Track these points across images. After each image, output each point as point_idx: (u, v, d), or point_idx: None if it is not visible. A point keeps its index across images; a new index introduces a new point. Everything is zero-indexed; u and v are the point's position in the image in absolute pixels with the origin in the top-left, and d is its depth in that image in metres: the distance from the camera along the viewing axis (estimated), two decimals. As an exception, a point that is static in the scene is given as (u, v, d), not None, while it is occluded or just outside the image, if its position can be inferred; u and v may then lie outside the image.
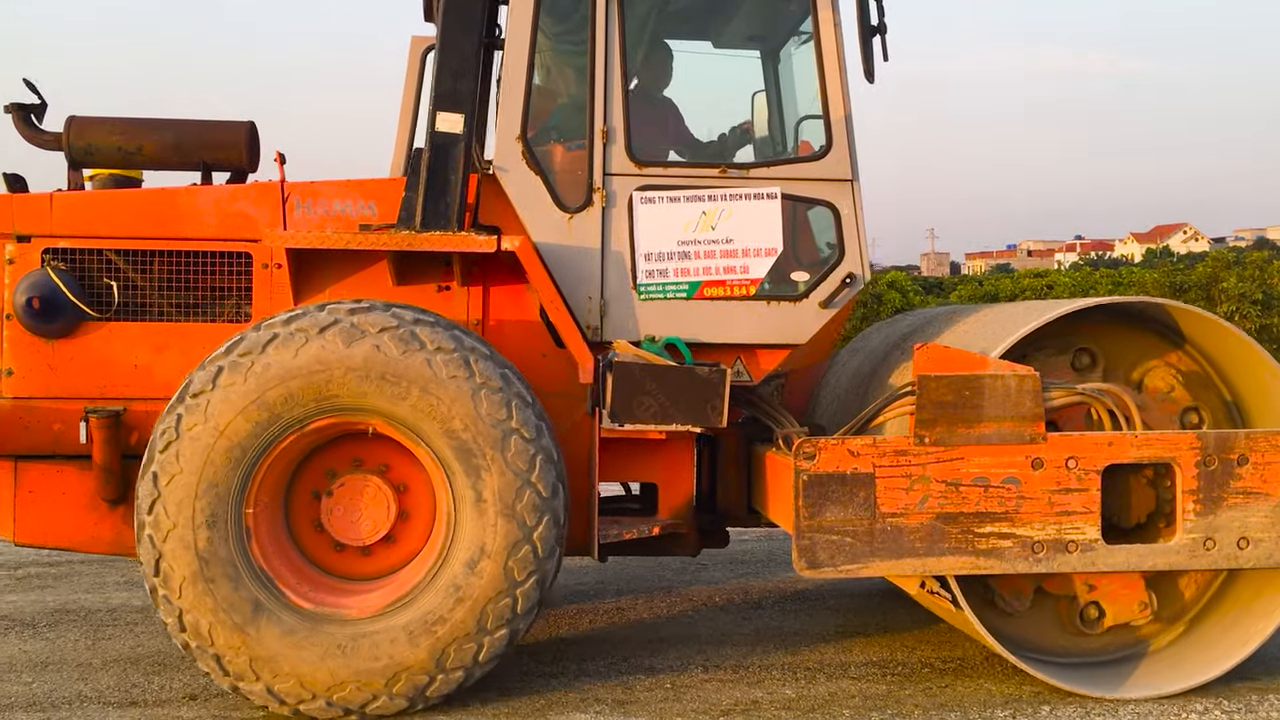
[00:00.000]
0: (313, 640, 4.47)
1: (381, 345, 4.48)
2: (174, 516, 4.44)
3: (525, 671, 5.26)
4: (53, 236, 5.14)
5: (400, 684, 4.48)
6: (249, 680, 4.44)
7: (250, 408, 4.46)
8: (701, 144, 5.77)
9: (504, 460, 4.52)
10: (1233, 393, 5.25)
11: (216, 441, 4.45)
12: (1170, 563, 4.82)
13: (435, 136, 5.01)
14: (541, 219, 5.10)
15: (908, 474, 4.69)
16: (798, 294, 5.22)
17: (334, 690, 4.45)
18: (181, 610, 4.45)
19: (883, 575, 4.77)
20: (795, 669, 5.34)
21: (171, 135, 5.30)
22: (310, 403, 4.49)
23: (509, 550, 4.52)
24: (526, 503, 4.54)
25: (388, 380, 4.49)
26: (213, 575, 4.44)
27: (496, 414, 4.53)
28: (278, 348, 4.47)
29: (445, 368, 4.50)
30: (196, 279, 5.22)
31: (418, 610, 4.53)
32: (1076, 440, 4.77)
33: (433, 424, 4.51)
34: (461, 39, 5.05)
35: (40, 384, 5.11)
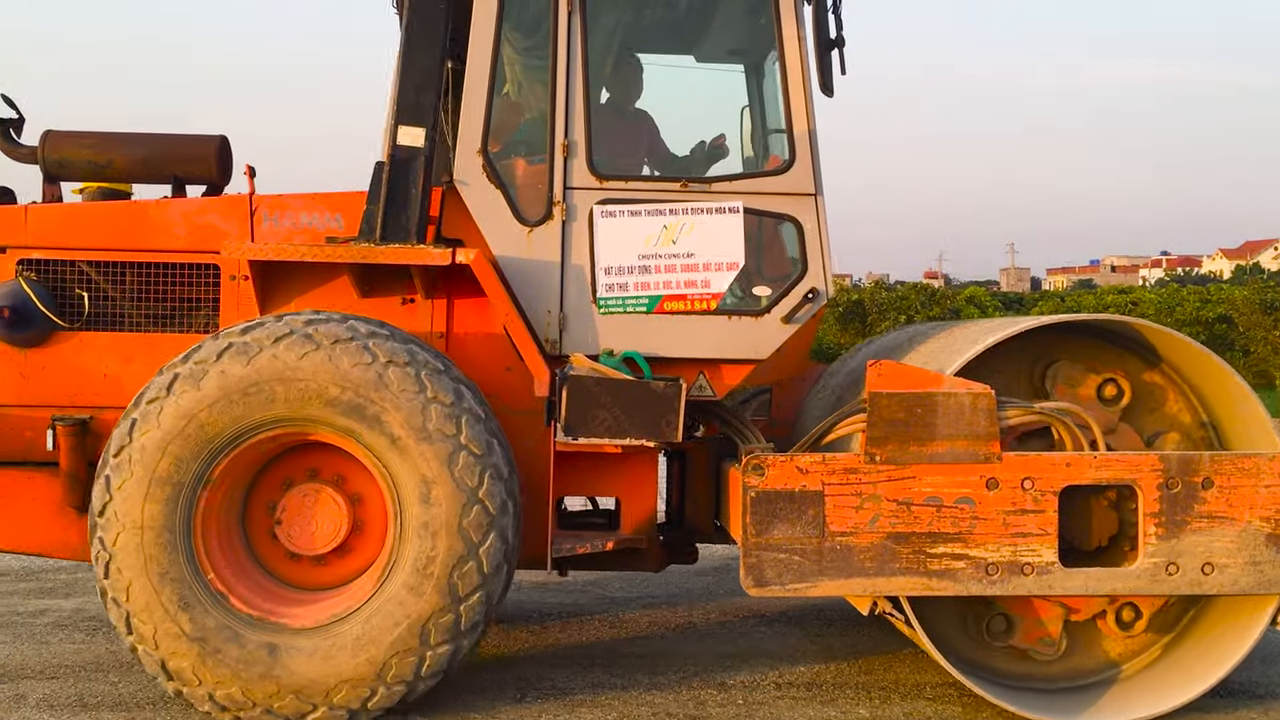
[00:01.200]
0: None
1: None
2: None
3: (595, 684, 5.27)
4: (27, 248, 5.25)
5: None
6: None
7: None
8: (675, 158, 5.75)
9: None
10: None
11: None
12: (1130, 588, 4.71)
13: (396, 150, 5.04)
14: (501, 232, 5.11)
15: (858, 492, 4.63)
16: (760, 309, 5.17)
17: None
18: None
19: (832, 595, 4.70)
20: (869, 688, 5.30)
21: (142, 149, 5.39)
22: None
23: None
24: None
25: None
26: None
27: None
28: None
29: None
30: (166, 290, 5.30)
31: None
32: (1033, 460, 4.67)
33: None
34: (423, 53, 5.08)
35: (12, 392, 5.22)
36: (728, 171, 5.49)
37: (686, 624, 6.43)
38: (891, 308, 23.15)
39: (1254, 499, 4.68)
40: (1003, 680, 5.05)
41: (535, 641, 6.04)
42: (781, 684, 5.34)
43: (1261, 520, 4.68)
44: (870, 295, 24.69)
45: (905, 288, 27.42)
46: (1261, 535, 4.68)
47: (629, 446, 4.95)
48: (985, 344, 4.72)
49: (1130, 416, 5.07)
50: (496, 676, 5.37)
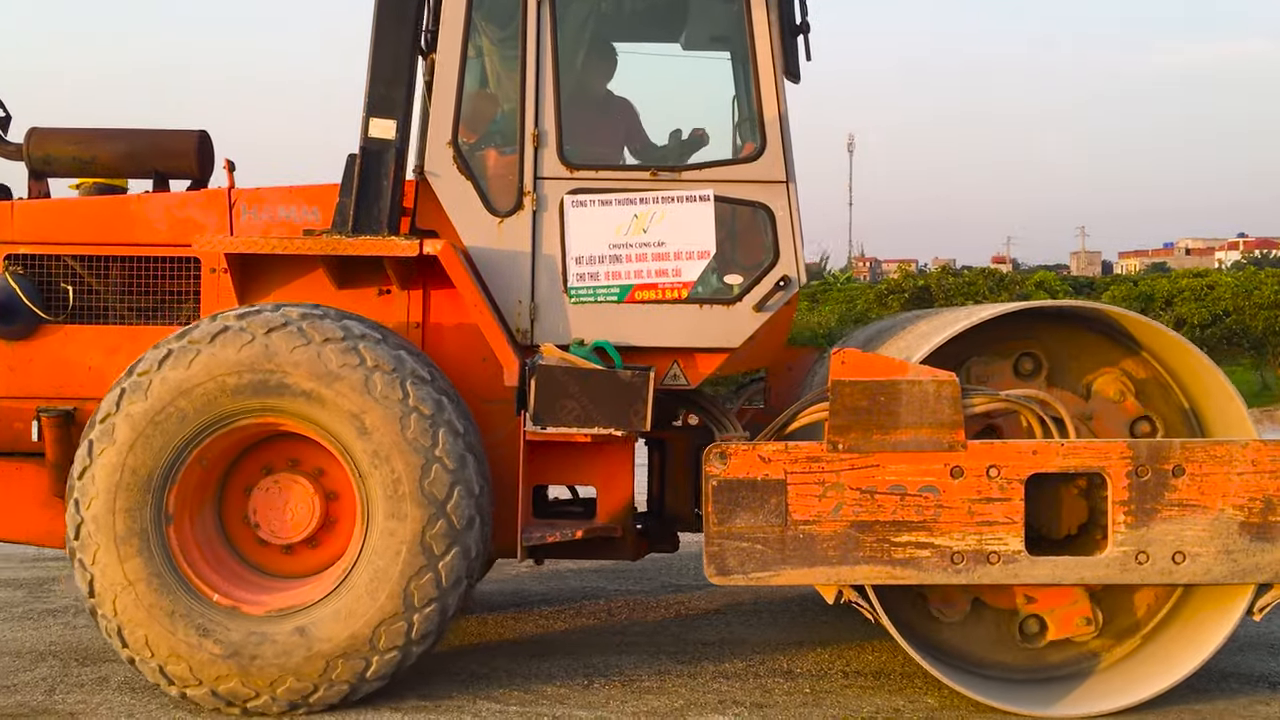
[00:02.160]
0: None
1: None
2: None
3: (662, 671, 5.32)
4: (14, 243, 5.36)
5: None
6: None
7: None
8: (655, 147, 5.74)
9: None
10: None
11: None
12: (1099, 576, 4.66)
13: (367, 142, 5.08)
14: (472, 223, 5.15)
15: (821, 480, 4.61)
16: (731, 297, 5.16)
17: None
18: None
19: (795, 584, 4.70)
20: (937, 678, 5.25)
21: (125, 144, 5.48)
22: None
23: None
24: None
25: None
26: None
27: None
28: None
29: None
30: (149, 283, 5.39)
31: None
32: (998, 448, 4.64)
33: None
34: (394, 46, 5.11)
35: (1, 384, 5.33)
36: (707, 160, 5.47)
37: (751, 611, 6.46)
38: (958, 293, 22.70)
39: (1226, 486, 4.60)
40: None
41: (602, 628, 6.11)
42: (849, 672, 5.35)
43: (1234, 508, 4.61)
44: (936, 281, 24.26)
45: (972, 273, 26.98)
46: (1235, 523, 4.61)
47: (599, 436, 4.96)
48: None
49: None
50: (565, 663, 5.42)
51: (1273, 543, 4.60)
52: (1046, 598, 4.96)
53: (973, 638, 5.05)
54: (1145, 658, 4.98)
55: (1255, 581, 4.64)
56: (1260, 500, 4.60)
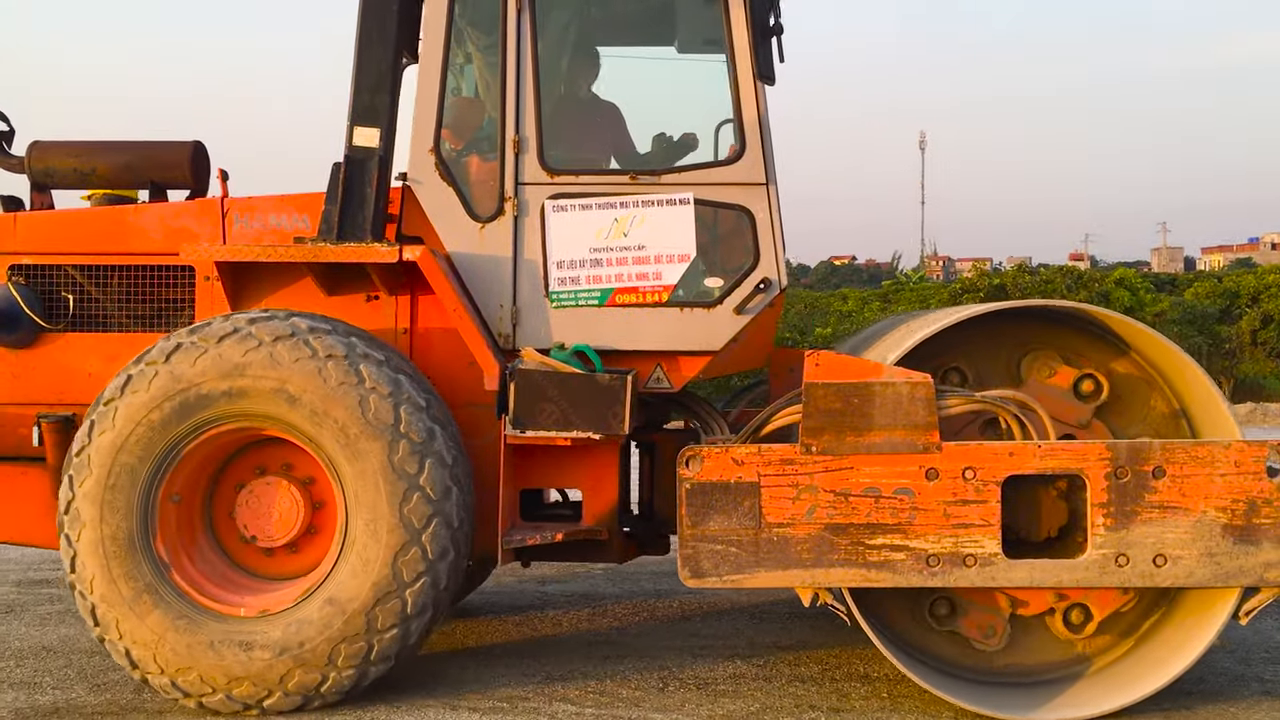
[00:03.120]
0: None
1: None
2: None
3: (736, 675, 5.34)
4: (17, 253, 5.50)
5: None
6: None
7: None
8: (639, 152, 5.75)
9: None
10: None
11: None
12: (1078, 579, 4.59)
13: (352, 151, 5.16)
14: (454, 229, 5.20)
15: (794, 483, 4.60)
16: (712, 300, 5.17)
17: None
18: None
19: (769, 586, 4.68)
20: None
21: (122, 156, 5.61)
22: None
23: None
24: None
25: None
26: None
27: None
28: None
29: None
30: (145, 292, 5.50)
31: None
32: (974, 450, 4.59)
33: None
34: (376, 55, 5.19)
35: (4, 391, 5.48)
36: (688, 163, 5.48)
37: (823, 614, 6.39)
38: (1035, 291, 22.25)
39: (1209, 488, 4.52)
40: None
41: (676, 630, 6.13)
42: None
43: (1217, 510, 4.52)
44: (1012, 279, 23.85)
45: (1050, 270, 26.46)
46: (1218, 526, 4.53)
47: (579, 439, 4.99)
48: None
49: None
50: (640, 665, 5.46)
51: (1257, 545, 4.52)
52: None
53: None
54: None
55: (1239, 585, 4.55)
56: (1244, 502, 4.52)
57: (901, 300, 28.28)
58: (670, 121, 5.89)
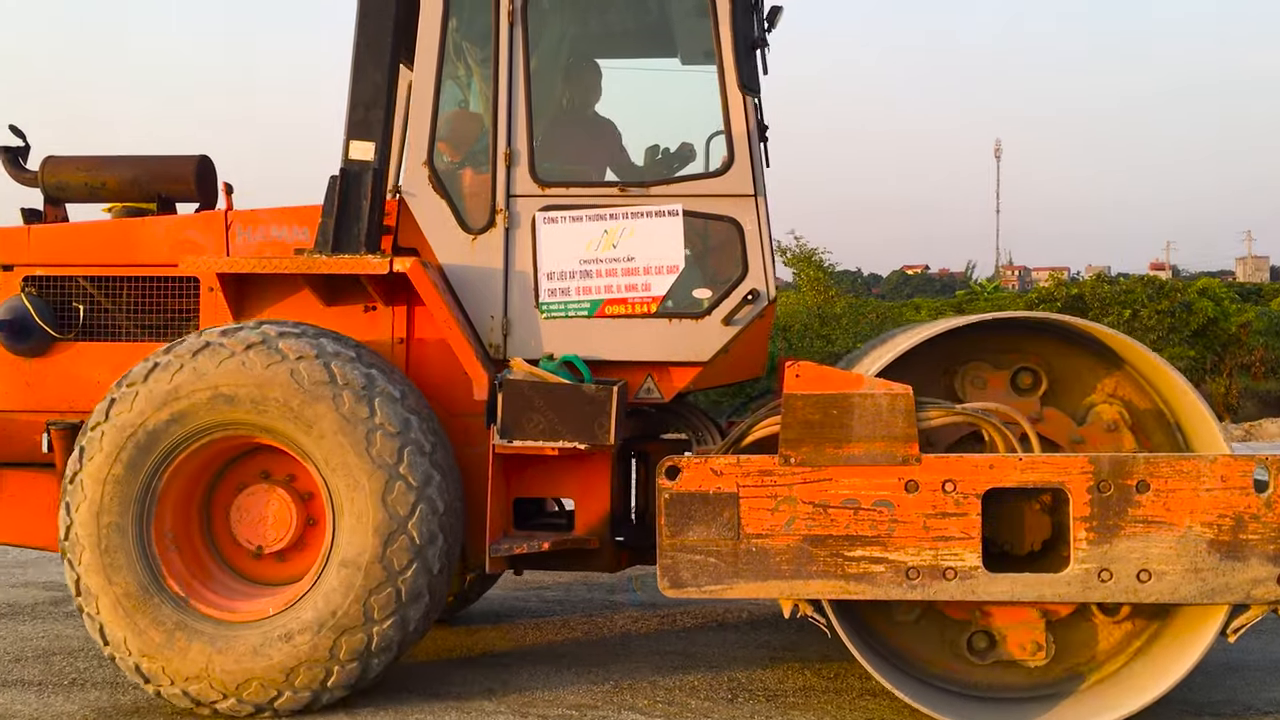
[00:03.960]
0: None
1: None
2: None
3: (806, 687, 5.35)
4: (31, 265, 5.67)
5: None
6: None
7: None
8: (635, 165, 5.78)
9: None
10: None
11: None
12: (1060, 594, 4.54)
13: (348, 164, 5.25)
14: (446, 241, 5.27)
15: (773, 494, 4.60)
16: (700, 311, 5.19)
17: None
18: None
19: (748, 597, 4.69)
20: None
21: (131, 170, 5.76)
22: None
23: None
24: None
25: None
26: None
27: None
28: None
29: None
30: (153, 302, 5.64)
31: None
32: (954, 462, 4.57)
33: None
34: (372, 70, 5.28)
35: (18, 398, 5.64)
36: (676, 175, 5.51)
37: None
38: (1115, 302, 21.76)
39: (1194, 503, 4.46)
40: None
41: (746, 640, 6.15)
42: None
43: (1203, 525, 4.46)
44: (1091, 289, 23.45)
45: (1130, 280, 25.95)
46: (1203, 541, 4.46)
47: (565, 449, 5.02)
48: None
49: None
50: (709, 675, 5.48)
51: (1244, 561, 4.44)
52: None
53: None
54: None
55: (1226, 601, 4.48)
56: (1230, 517, 4.45)
57: (976, 310, 27.84)
58: (674, 133, 5.93)
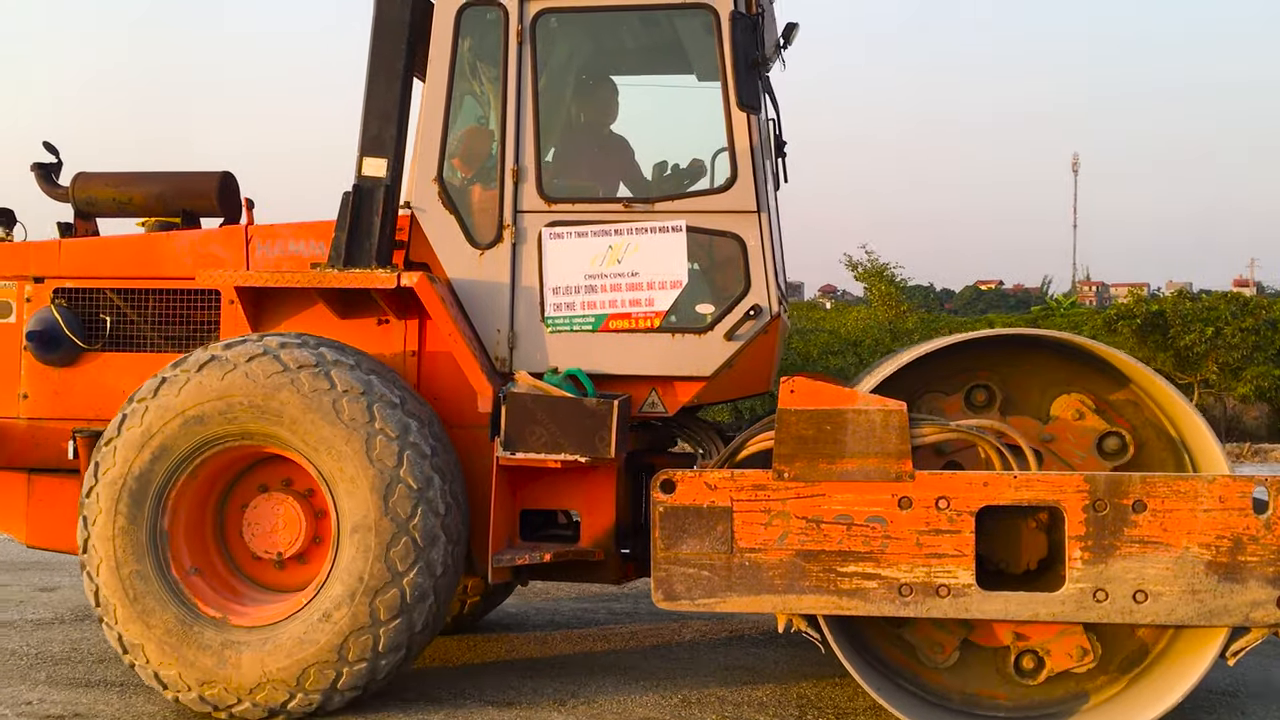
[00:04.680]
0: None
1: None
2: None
3: (876, 707, 5.19)
4: (60, 278, 5.87)
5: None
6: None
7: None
8: (648, 180, 5.84)
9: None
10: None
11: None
12: (1054, 614, 4.51)
13: (361, 180, 5.37)
14: (455, 256, 5.37)
15: (766, 509, 4.63)
16: (703, 326, 5.23)
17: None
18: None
19: (741, 611, 4.71)
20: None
21: (156, 186, 5.93)
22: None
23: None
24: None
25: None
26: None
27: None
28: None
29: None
30: (176, 314, 5.81)
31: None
32: (948, 479, 4.56)
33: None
34: (385, 89, 5.40)
35: (48, 406, 5.84)
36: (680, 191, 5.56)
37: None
38: (1196, 319, 21.35)
39: (1191, 524, 4.41)
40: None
41: (811, 658, 6.08)
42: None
43: (1200, 546, 4.41)
44: (1172, 306, 23.08)
45: (1213, 297, 25.41)
46: (1201, 562, 4.41)
47: (566, 462, 5.08)
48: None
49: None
50: (777, 692, 5.47)
51: (1242, 583, 4.38)
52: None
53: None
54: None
55: (1224, 624, 4.42)
56: (1228, 538, 4.39)
57: (1051, 327, 27.32)
58: (692, 149, 5.98)
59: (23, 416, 5.86)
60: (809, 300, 45.99)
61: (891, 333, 20.01)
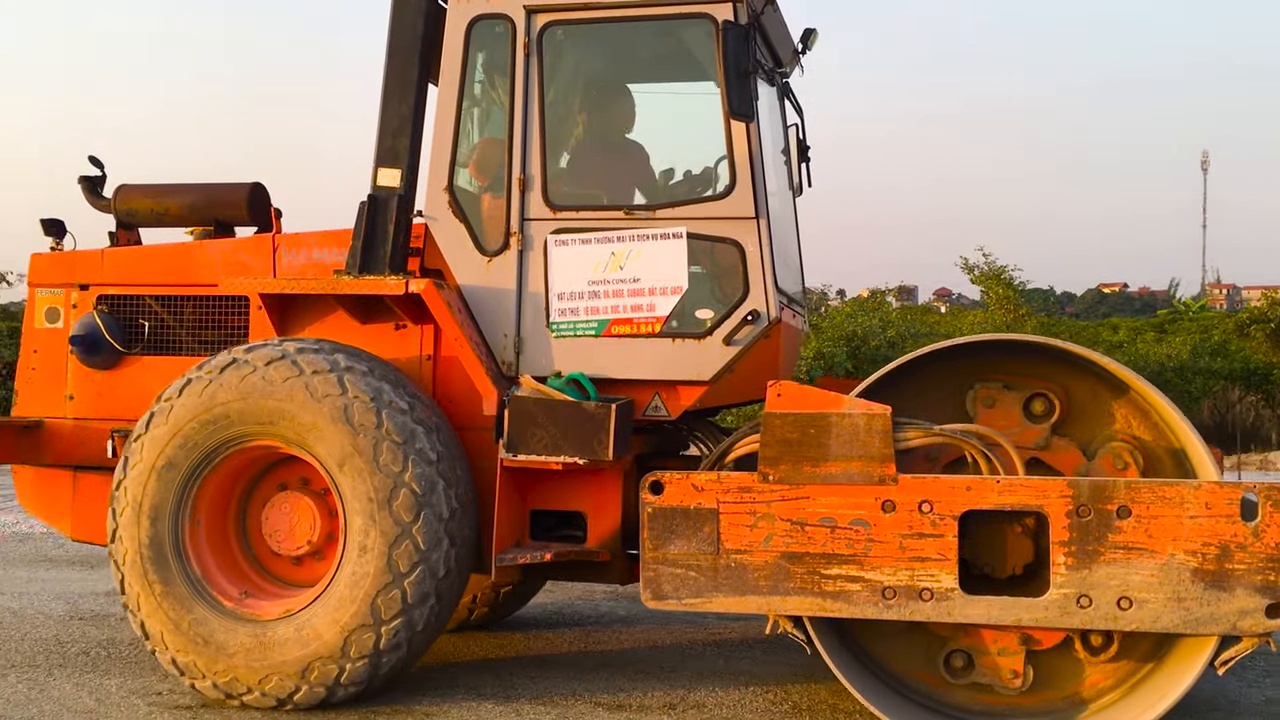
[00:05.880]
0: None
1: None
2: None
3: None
4: (104, 285, 6.18)
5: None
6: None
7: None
8: (662, 187, 5.94)
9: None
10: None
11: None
12: (1038, 619, 4.50)
13: (376, 190, 5.58)
14: (464, 262, 5.53)
15: (752, 511, 4.69)
16: (702, 331, 5.31)
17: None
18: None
19: (727, 611, 4.78)
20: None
21: (190, 197, 6.22)
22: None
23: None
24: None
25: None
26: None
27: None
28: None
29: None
30: (210, 319, 6.08)
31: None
32: (931, 483, 4.58)
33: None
34: (400, 102, 5.59)
35: (92, 407, 6.15)
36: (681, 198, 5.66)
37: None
38: None
39: (1177, 530, 4.36)
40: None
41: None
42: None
43: (1186, 553, 4.36)
44: None
45: None
46: (1187, 570, 4.36)
47: (566, 463, 5.20)
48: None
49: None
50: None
51: (1229, 591, 4.32)
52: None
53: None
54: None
55: (1211, 632, 4.36)
56: (1215, 546, 4.33)
57: (1179, 331, 26.63)
58: (704, 156, 6.07)
59: (69, 416, 6.18)
60: (923, 304, 45.38)
61: (1009, 337, 19.40)
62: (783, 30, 6.02)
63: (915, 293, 58.07)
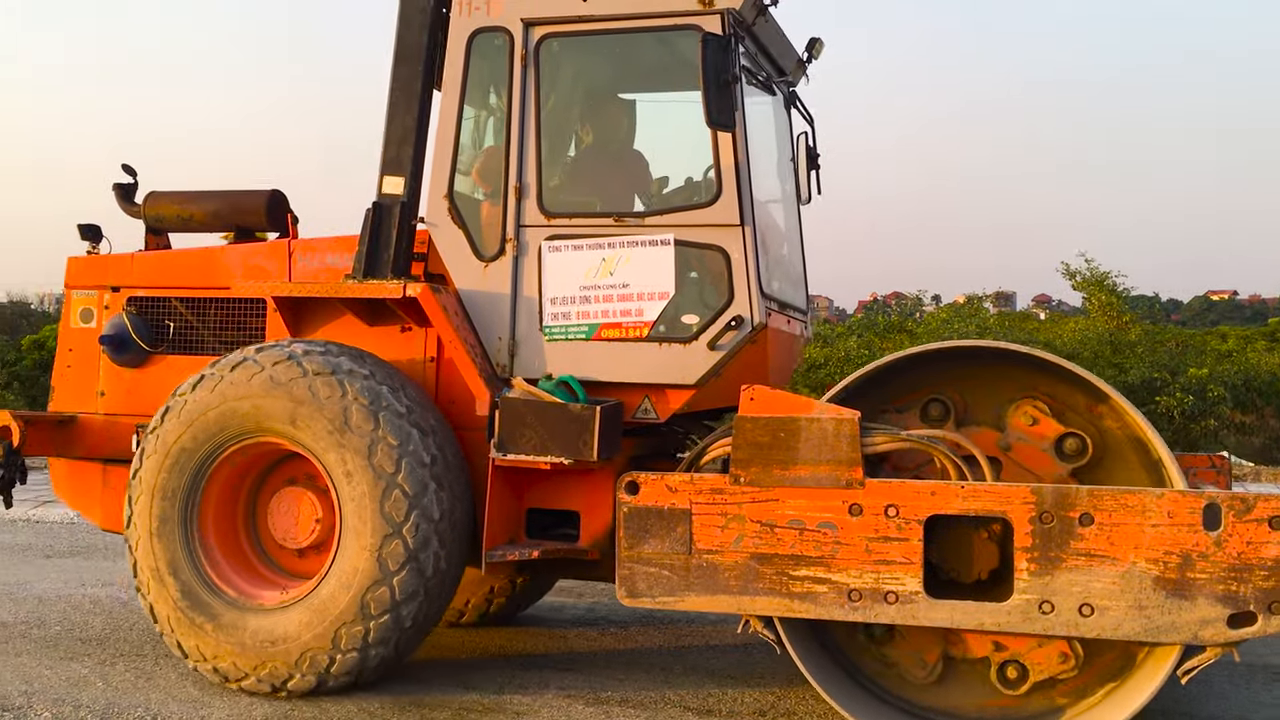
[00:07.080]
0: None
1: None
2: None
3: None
4: (133, 287, 6.50)
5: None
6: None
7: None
8: (659, 196, 6.05)
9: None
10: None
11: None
12: (1000, 624, 4.54)
13: (380, 198, 5.79)
14: (462, 267, 5.71)
15: (723, 512, 4.80)
16: (688, 336, 5.41)
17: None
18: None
19: (699, 610, 4.89)
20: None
21: (213, 204, 6.50)
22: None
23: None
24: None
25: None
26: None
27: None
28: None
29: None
30: (230, 320, 6.36)
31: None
32: (897, 487, 4.64)
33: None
34: (404, 112, 5.80)
35: (122, 403, 6.47)
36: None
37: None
38: None
39: (1139, 538, 4.37)
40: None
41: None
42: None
43: (1148, 561, 4.37)
44: None
45: None
46: (1148, 577, 4.37)
47: (554, 463, 5.35)
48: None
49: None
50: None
51: (1191, 600, 4.32)
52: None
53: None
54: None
55: (1173, 641, 4.37)
56: (1177, 554, 4.34)
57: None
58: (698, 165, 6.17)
59: (100, 412, 6.50)
60: (1021, 310, 44.70)
61: (1112, 345, 18.79)
62: (783, 39, 6.10)
63: (1013, 299, 57.10)
